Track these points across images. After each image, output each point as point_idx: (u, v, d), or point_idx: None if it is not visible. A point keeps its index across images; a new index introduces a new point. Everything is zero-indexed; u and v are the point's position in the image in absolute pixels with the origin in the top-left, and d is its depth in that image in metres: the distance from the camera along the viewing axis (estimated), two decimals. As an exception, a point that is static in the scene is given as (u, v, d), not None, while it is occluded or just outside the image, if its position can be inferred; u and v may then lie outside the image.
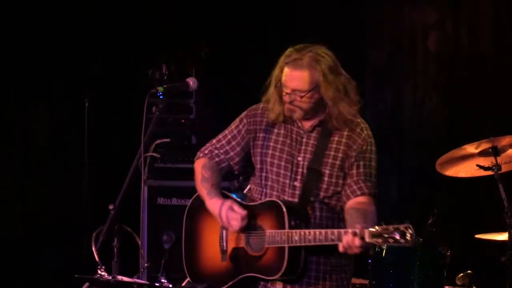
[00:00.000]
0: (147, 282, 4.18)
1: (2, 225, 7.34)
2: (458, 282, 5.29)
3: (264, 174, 4.36)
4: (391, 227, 3.86)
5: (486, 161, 5.04)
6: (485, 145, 5.02)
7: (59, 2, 7.40)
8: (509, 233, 4.83)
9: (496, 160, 4.99)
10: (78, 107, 7.32)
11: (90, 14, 7.45)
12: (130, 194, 4.38)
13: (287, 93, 4.21)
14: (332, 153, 4.27)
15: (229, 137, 4.46)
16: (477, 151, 5.06)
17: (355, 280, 5.61)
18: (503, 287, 4.92)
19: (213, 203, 4.30)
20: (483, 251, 5.72)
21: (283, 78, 4.21)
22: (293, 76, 4.19)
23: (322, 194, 4.26)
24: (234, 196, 4.42)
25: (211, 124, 4.58)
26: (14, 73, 7.39)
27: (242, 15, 7.59)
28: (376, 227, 3.88)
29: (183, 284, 4.61)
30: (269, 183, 4.34)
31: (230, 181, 6.17)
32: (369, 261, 5.26)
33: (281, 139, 4.34)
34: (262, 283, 4.30)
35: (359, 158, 4.27)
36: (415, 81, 7.36)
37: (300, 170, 4.28)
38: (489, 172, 5.01)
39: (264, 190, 4.35)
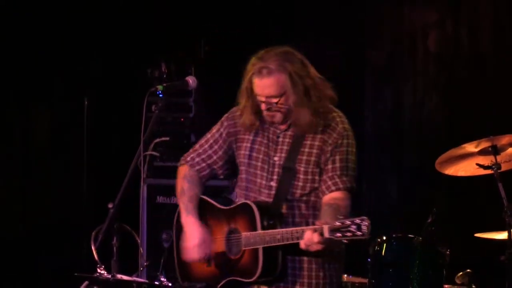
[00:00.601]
0: (147, 281, 4.18)
1: (1, 224, 7.34)
2: (457, 281, 5.28)
3: (244, 176, 4.38)
4: (347, 221, 3.87)
5: (486, 160, 5.03)
6: (484, 144, 5.01)
7: (59, 2, 7.40)
8: (508, 232, 4.82)
9: (496, 159, 4.97)
10: (77, 106, 7.32)
11: (90, 14, 7.45)
12: (129, 193, 4.38)
13: (262, 102, 4.22)
14: (306, 149, 4.27)
15: (211, 141, 4.47)
16: (476, 150, 5.05)
17: (354, 279, 5.61)
18: (502, 286, 4.91)
19: (188, 222, 4.34)
20: (483, 250, 5.71)
21: (255, 89, 4.22)
22: (264, 84, 4.19)
23: (299, 192, 4.26)
24: (212, 201, 4.43)
25: (210, 123, 4.59)
26: (14, 73, 7.39)
27: (242, 14, 7.59)
28: (336, 222, 3.88)
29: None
30: (249, 185, 4.36)
31: (230, 179, 6.17)
32: (369, 260, 5.25)
33: (258, 139, 4.35)
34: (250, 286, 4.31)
35: (334, 153, 4.25)
36: (415, 81, 7.36)
37: (276, 170, 4.29)
38: (489, 171, 4.99)
39: (245, 192, 4.37)
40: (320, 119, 4.25)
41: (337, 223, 3.87)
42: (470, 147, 5.06)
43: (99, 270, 4.13)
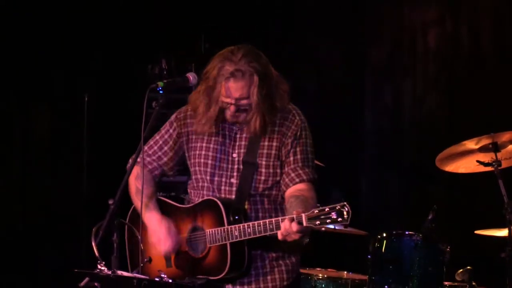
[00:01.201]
0: (147, 277, 4.17)
1: (1, 220, 7.34)
2: (457, 278, 5.29)
3: (199, 176, 4.35)
4: (327, 208, 3.85)
5: (486, 157, 5.04)
6: (485, 141, 5.02)
7: (58, 0, 7.40)
8: (509, 229, 4.83)
9: (496, 156, 4.99)
10: (77, 103, 7.32)
11: (90, 10, 7.45)
12: (128, 189, 4.38)
13: (230, 104, 4.18)
14: (266, 143, 4.25)
15: (160, 142, 4.47)
16: (477, 147, 5.06)
17: (354, 276, 5.62)
18: (502, 283, 4.92)
19: (150, 218, 4.33)
20: (483, 247, 5.73)
21: (224, 91, 4.17)
22: (237, 87, 4.15)
23: (261, 186, 4.25)
24: (170, 201, 4.43)
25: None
26: (13, 71, 7.38)
27: (242, 11, 7.60)
28: (315, 210, 3.87)
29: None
30: (205, 184, 4.33)
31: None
32: (369, 257, 5.26)
33: (213, 138, 4.33)
34: None
35: (295, 145, 4.25)
36: (415, 79, 7.37)
37: (236, 166, 4.28)
38: (489, 168, 5.01)
39: (201, 192, 4.35)
40: (275, 115, 4.23)
41: (316, 211, 3.86)
42: (471, 144, 5.06)
43: (99, 267, 4.12)
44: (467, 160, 5.14)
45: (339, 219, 3.83)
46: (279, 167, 4.24)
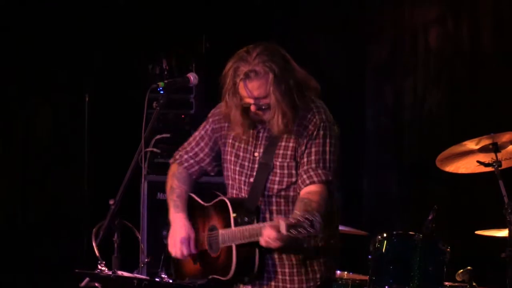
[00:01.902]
0: (148, 277, 4.18)
1: (1, 220, 7.35)
2: (458, 278, 5.28)
3: (227, 173, 4.36)
4: (301, 218, 3.80)
5: (487, 158, 5.03)
6: (485, 141, 5.01)
7: (60, -2, 7.42)
8: (509, 230, 4.82)
9: (497, 157, 4.98)
10: (78, 103, 7.32)
11: (91, 10, 7.45)
12: (129, 189, 4.38)
13: (250, 104, 4.17)
14: (283, 143, 4.21)
15: (197, 138, 4.46)
16: (477, 147, 5.05)
17: (355, 276, 5.61)
18: (503, 284, 4.92)
19: (175, 218, 4.36)
20: (483, 248, 5.72)
21: (241, 92, 4.16)
22: (252, 87, 4.13)
23: (276, 187, 4.21)
24: (197, 198, 4.43)
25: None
26: (15, 68, 7.39)
27: (243, 11, 7.59)
28: (293, 218, 3.82)
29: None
30: (230, 182, 4.34)
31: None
32: (369, 257, 5.25)
33: (239, 136, 4.31)
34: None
35: (310, 145, 4.17)
36: (415, 78, 7.37)
37: (256, 166, 4.26)
38: (490, 169, 5.00)
39: (228, 189, 4.36)
40: (296, 115, 4.18)
41: (292, 220, 3.81)
42: (471, 145, 5.06)
43: (100, 267, 4.13)
44: (468, 161, 5.13)
45: (312, 230, 3.78)
46: (295, 168, 4.20)
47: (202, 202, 4.39)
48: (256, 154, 4.27)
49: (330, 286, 4.46)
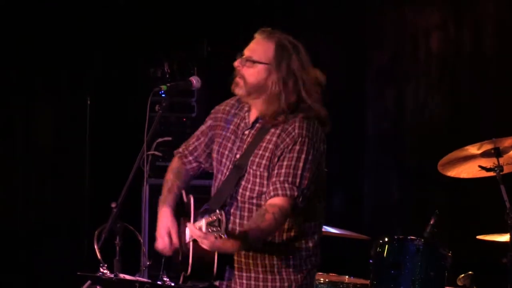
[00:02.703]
0: (149, 280, 4.17)
1: (3, 222, 7.34)
2: (459, 283, 5.29)
3: (214, 172, 4.33)
4: (214, 217, 3.75)
5: (488, 162, 5.04)
6: (487, 146, 5.02)
7: (62, 1, 7.40)
8: (510, 235, 4.83)
9: (498, 161, 4.98)
10: (80, 106, 7.33)
11: (93, 12, 7.45)
12: (131, 192, 4.38)
13: (239, 61, 4.14)
14: (260, 152, 4.12)
15: (198, 133, 4.43)
16: (479, 152, 5.06)
17: (356, 281, 5.61)
18: (504, 289, 4.93)
19: (161, 212, 4.32)
20: (485, 252, 5.72)
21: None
22: (254, 43, 4.15)
23: (248, 194, 4.12)
24: (185, 195, 4.41)
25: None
26: (16, 71, 7.39)
27: (243, 14, 7.59)
28: (212, 215, 3.78)
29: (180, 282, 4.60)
30: (214, 182, 4.30)
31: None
32: (370, 261, 5.25)
33: (227, 135, 4.27)
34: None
35: (283, 158, 4.04)
36: (417, 82, 7.37)
37: (231, 166, 4.20)
38: (491, 173, 5.01)
39: (213, 189, 4.31)
40: (284, 118, 4.11)
41: (210, 219, 3.77)
42: (473, 149, 5.06)
43: (101, 270, 4.12)
44: (469, 165, 5.14)
45: (218, 228, 3.72)
46: (267, 178, 4.09)
47: (185, 199, 4.38)
48: (238, 156, 4.20)
49: None
